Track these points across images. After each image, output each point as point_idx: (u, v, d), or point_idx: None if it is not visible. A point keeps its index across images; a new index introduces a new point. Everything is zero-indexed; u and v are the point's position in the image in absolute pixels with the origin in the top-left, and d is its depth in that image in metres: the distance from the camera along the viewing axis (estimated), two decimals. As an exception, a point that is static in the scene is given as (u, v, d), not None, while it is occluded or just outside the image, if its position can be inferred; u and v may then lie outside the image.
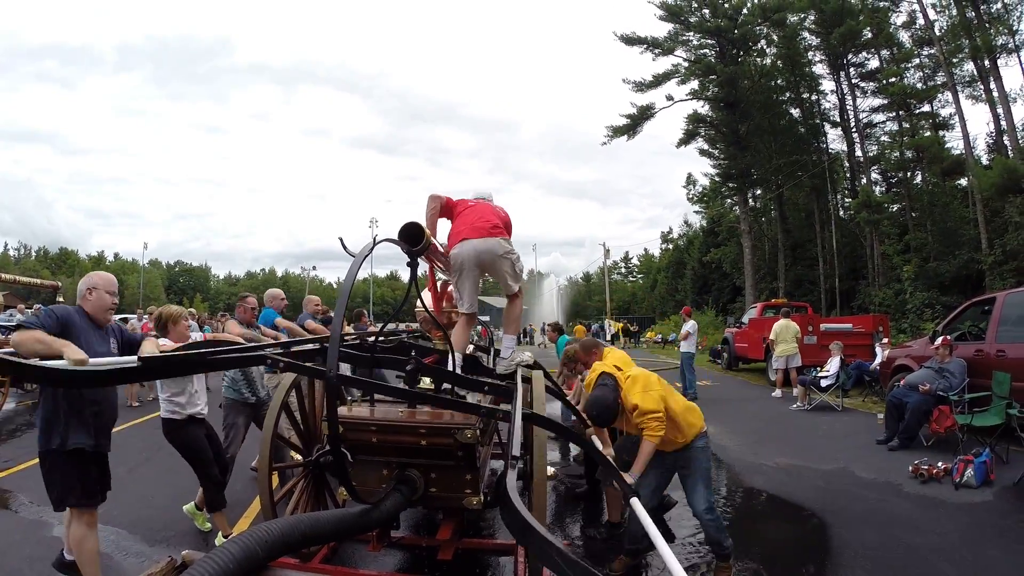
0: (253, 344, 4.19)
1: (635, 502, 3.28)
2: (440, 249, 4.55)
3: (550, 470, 5.82)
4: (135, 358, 3.20)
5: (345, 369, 6.97)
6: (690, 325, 14.29)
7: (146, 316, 14.75)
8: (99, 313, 3.99)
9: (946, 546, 4.98)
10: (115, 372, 3.08)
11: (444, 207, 4.73)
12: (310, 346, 4.34)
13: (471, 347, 5.82)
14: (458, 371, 4.11)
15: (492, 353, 6.50)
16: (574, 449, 8.29)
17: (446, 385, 3.92)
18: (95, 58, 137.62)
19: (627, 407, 4.25)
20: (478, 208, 4.70)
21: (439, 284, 5.37)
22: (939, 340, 8.72)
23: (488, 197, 5.09)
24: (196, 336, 7.41)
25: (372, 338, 4.60)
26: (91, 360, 3.01)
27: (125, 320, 16.24)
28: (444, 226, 4.85)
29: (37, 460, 3.81)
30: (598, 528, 5.50)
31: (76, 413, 3.75)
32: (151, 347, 3.79)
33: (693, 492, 4.41)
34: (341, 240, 3.19)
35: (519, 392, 3.51)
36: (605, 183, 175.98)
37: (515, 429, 2.93)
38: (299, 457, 4.89)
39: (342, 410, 3.79)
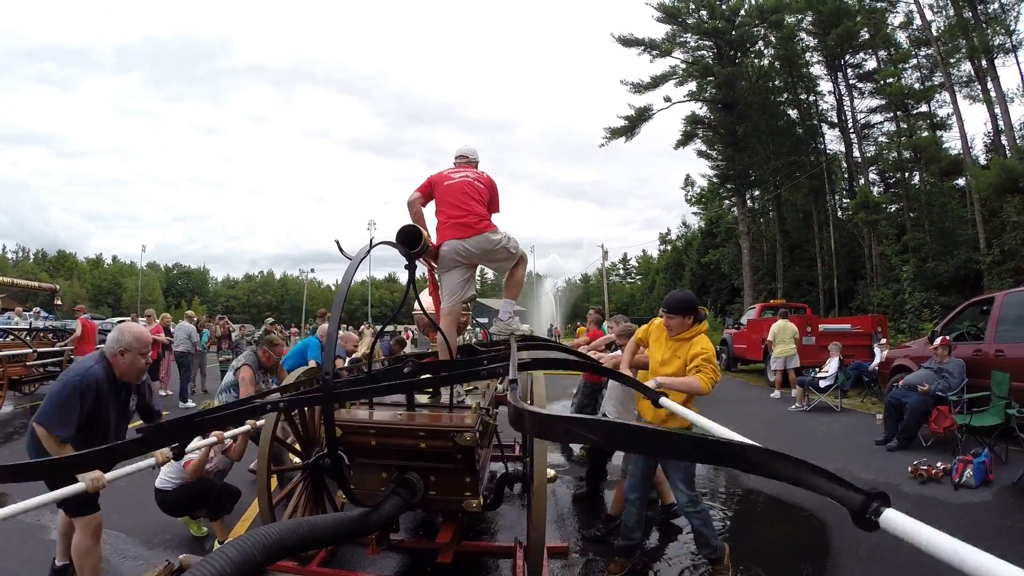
0: (251, 397, 4.13)
1: (665, 400, 3.27)
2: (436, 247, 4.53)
3: (550, 472, 5.81)
4: (137, 433, 3.10)
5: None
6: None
7: (143, 319, 14.67)
8: (129, 376, 3.84)
9: (946, 546, 4.97)
10: (120, 449, 2.81)
11: (424, 198, 4.63)
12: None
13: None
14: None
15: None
16: (575, 449, 8.30)
17: (445, 389, 3.92)
18: (93, 59, 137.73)
19: (692, 343, 4.24)
20: (459, 193, 4.51)
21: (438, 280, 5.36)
22: (938, 340, 8.71)
23: (471, 154, 4.96)
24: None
25: (366, 363, 4.56)
26: (107, 477, 3.00)
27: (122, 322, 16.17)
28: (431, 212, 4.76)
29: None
30: (597, 527, 5.48)
31: (97, 435, 3.68)
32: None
33: (673, 486, 4.43)
34: (338, 243, 3.20)
35: (515, 350, 3.49)
36: (603, 184, 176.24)
37: (512, 357, 2.94)
38: (298, 460, 4.88)
39: (340, 413, 3.78)
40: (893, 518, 1.22)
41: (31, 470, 2.62)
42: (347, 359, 8.16)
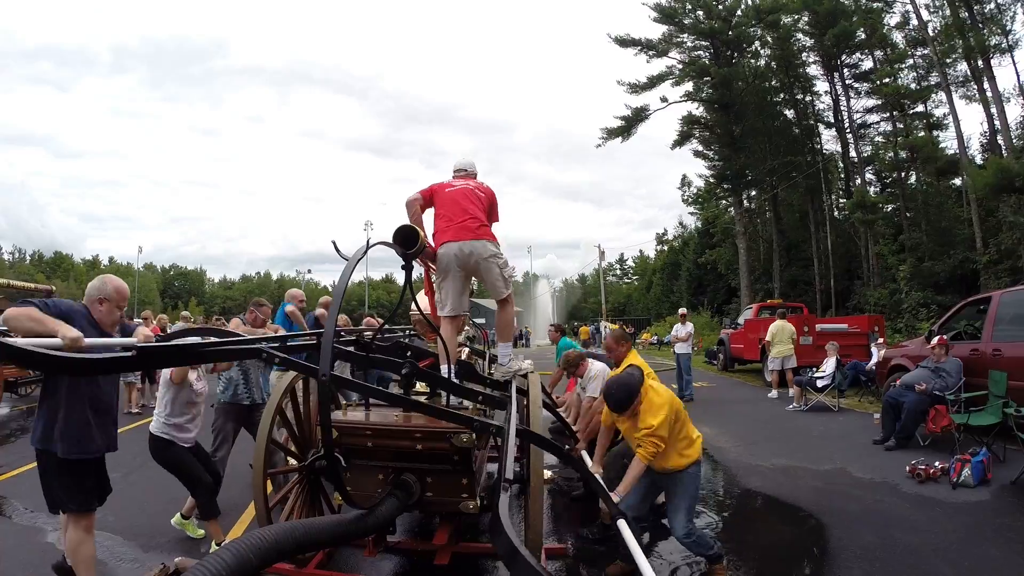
0: (250, 338, 4.12)
1: (621, 523, 3.27)
2: (434, 251, 4.53)
3: (547, 473, 5.80)
4: (130, 342, 3.06)
5: (344, 370, 6.95)
6: (688, 327, 14.32)
7: (139, 320, 14.60)
8: (106, 324, 3.87)
9: (944, 546, 4.97)
10: (109, 361, 2.88)
11: (424, 201, 4.66)
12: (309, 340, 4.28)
13: (465, 351, 5.78)
14: (452, 379, 4.09)
15: (488, 357, 6.48)
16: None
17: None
18: (90, 60, 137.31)
19: (641, 415, 4.20)
20: (459, 199, 4.57)
21: (435, 286, 5.35)
22: (935, 340, 8.71)
23: (470, 167, 5.00)
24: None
25: (369, 335, 4.56)
26: (85, 341, 2.83)
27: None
28: (431, 218, 4.79)
29: (31, 465, 3.79)
30: (591, 529, 5.47)
31: (80, 415, 3.70)
32: (144, 331, 3.64)
33: (674, 515, 4.34)
34: (334, 243, 3.19)
35: (513, 409, 3.48)
36: (601, 185, 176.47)
37: (508, 450, 2.90)
38: (294, 462, 4.86)
39: (337, 414, 3.77)
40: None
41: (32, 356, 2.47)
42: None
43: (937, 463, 6.79)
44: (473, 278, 4.87)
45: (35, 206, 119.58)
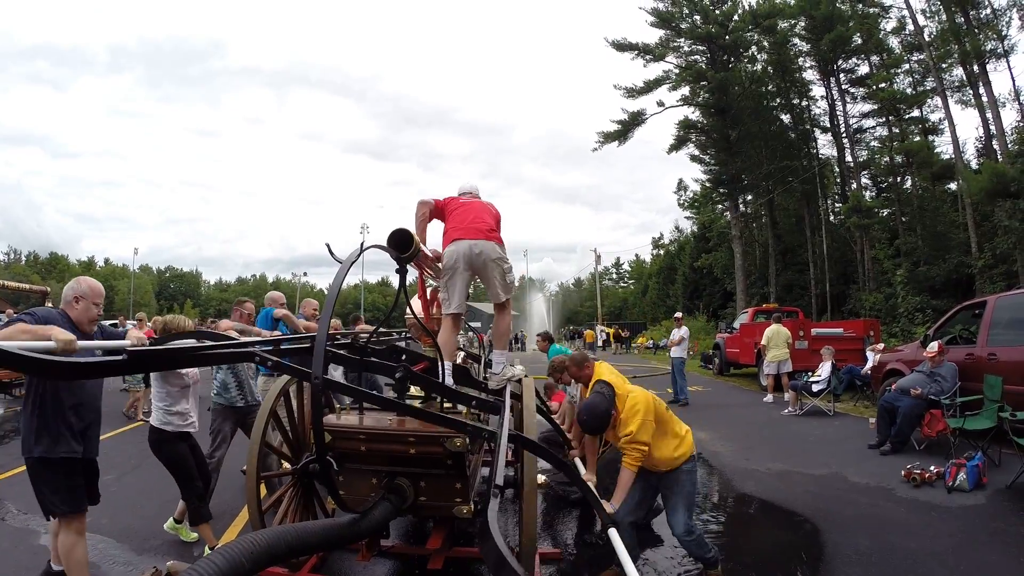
0: (243, 340, 4.11)
1: (612, 533, 3.25)
2: (430, 255, 4.53)
3: (541, 478, 5.79)
4: (122, 345, 3.13)
5: (338, 375, 6.93)
6: (683, 331, 14.29)
7: (132, 323, 14.55)
8: (83, 323, 3.90)
9: (939, 550, 4.97)
10: (101, 365, 2.90)
11: (435, 210, 4.73)
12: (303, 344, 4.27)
13: (461, 354, 5.77)
14: (448, 381, 4.08)
15: (483, 362, 6.46)
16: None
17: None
18: (87, 59, 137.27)
19: (620, 425, 4.20)
20: (472, 207, 4.68)
21: (429, 291, 5.34)
22: (935, 345, 8.70)
23: (474, 190, 5.07)
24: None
25: (364, 339, 4.55)
26: (79, 344, 2.87)
27: (115, 327, 16.10)
28: (436, 229, 4.83)
29: (25, 467, 3.77)
30: (596, 535, 5.45)
31: (61, 417, 3.71)
32: (136, 334, 3.71)
33: (673, 514, 4.33)
34: (328, 246, 3.17)
35: (506, 415, 3.47)
36: (598, 188, 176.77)
37: (500, 456, 2.89)
38: (288, 465, 4.84)
39: (331, 418, 3.76)
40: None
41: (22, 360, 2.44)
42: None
43: (933, 467, 6.79)
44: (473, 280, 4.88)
45: (31, 206, 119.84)
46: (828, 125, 33.63)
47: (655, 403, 4.32)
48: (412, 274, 4.70)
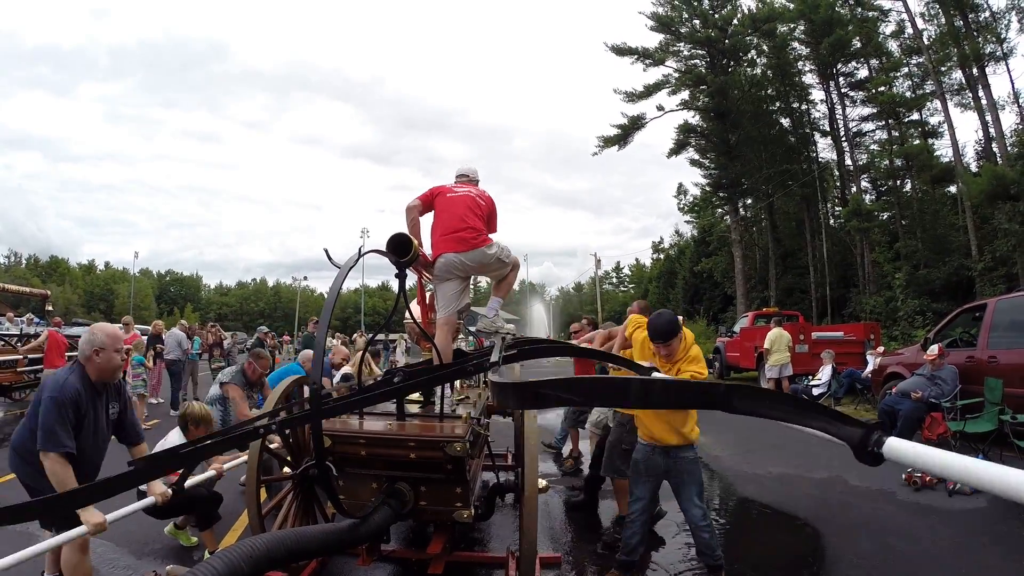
0: (241, 423, 4.09)
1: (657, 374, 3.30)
2: (429, 259, 4.52)
3: (542, 482, 5.77)
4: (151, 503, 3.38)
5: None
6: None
7: (120, 327, 14.44)
8: (106, 375, 3.81)
9: (940, 553, 4.97)
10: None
11: (423, 207, 4.64)
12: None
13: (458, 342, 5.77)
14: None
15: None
16: (566, 452, 8.29)
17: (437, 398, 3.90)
18: (88, 63, 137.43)
19: (684, 360, 4.40)
20: (459, 205, 4.52)
21: (428, 295, 5.34)
22: (935, 348, 8.70)
23: (472, 173, 4.97)
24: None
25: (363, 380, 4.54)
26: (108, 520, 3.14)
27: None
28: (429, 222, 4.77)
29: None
30: (610, 531, 5.47)
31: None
32: (158, 488, 3.87)
33: (687, 502, 4.38)
34: (326, 251, 3.18)
35: (499, 341, 3.47)
36: (599, 192, 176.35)
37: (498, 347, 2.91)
38: (288, 470, 4.84)
39: (330, 423, 3.75)
40: (896, 446, 1.18)
41: (30, 510, 2.61)
42: (338, 374, 7.84)
43: (933, 471, 6.78)
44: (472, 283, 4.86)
45: (32, 210, 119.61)
46: (828, 129, 33.58)
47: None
48: (412, 278, 4.71)
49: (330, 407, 2.92)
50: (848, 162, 32.40)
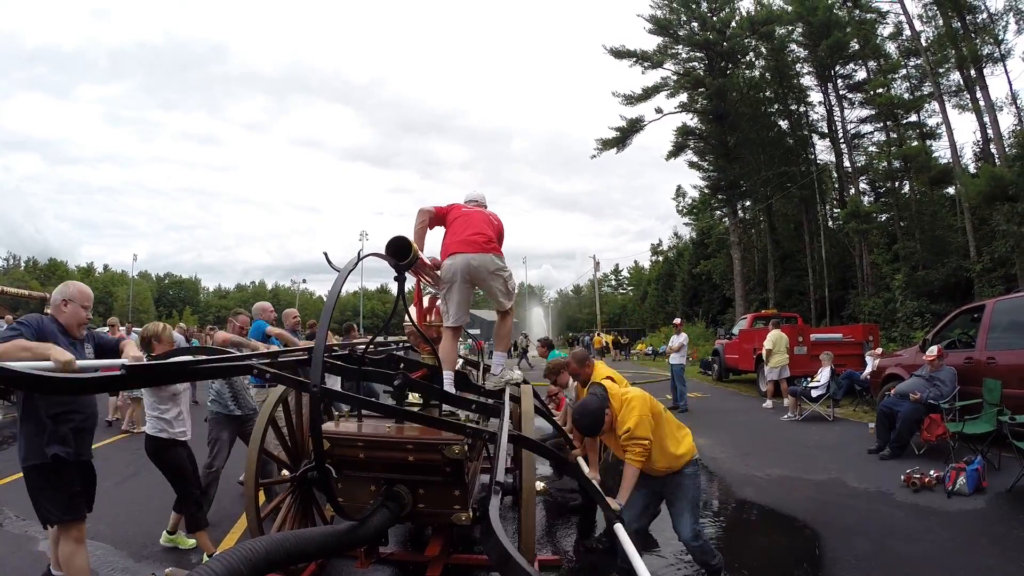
0: (240, 355, 4.12)
1: (619, 528, 3.25)
2: (428, 263, 4.53)
3: (540, 485, 5.78)
4: (120, 363, 3.11)
5: (335, 382, 6.93)
6: (682, 338, 14.27)
7: (106, 328, 14.29)
8: (72, 327, 3.92)
9: (940, 555, 4.96)
10: (99, 380, 3.04)
11: (435, 217, 4.72)
12: (299, 355, 4.29)
13: (460, 361, 5.78)
14: (447, 388, 4.09)
15: (481, 368, 6.47)
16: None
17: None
18: (87, 65, 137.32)
19: (617, 425, 4.17)
20: (472, 218, 4.66)
21: (426, 298, 5.35)
22: (933, 349, 8.71)
23: (481, 199, 5.08)
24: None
25: (361, 348, 4.57)
26: (77, 363, 2.94)
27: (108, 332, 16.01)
28: (437, 235, 4.83)
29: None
30: (599, 538, 5.44)
31: (55, 423, 3.70)
32: (132, 350, 3.73)
33: (679, 519, 4.30)
34: (326, 255, 3.19)
35: (506, 415, 3.47)
36: (598, 195, 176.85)
37: (500, 453, 2.89)
38: (286, 473, 4.84)
39: (329, 425, 3.76)
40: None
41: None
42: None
43: (932, 472, 6.79)
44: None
45: (30, 212, 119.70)
46: (826, 130, 33.61)
47: (651, 401, 4.30)
48: (411, 281, 4.73)
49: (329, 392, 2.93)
50: (846, 164, 32.44)
